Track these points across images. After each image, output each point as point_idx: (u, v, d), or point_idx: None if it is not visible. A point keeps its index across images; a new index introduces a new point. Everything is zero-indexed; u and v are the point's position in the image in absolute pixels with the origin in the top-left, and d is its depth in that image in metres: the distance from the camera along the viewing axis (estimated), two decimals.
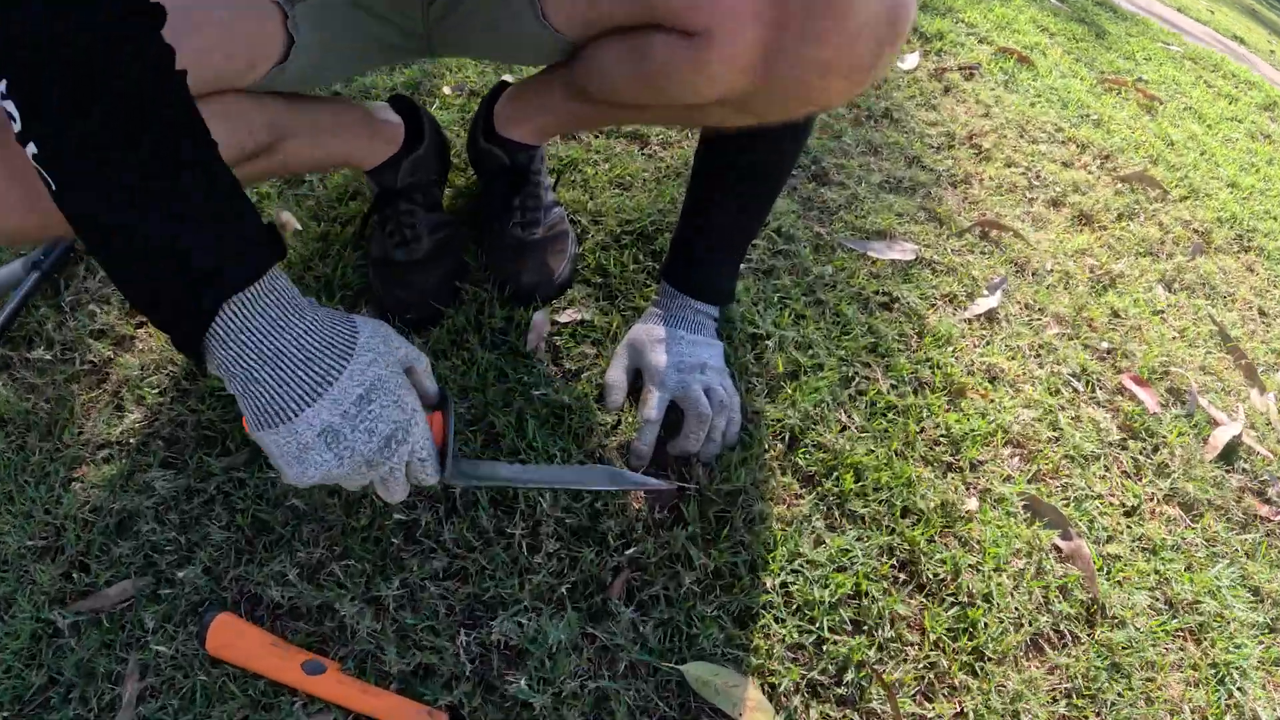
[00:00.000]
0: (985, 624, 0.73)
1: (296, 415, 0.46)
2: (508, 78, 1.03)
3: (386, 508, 0.72)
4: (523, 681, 0.62)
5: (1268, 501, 0.97)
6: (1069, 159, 1.46)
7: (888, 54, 0.51)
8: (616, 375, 0.80)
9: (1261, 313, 1.32)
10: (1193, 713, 0.74)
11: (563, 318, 0.86)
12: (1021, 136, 1.47)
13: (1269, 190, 1.72)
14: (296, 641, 0.65)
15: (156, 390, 0.84)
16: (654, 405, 0.75)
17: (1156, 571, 0.83)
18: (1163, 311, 1.20)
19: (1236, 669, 0.78)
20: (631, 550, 0.70)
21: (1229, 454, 0.99)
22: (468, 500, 0.73)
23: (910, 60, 1.64)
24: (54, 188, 0.42)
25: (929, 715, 0.66)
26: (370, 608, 0.67)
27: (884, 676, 0.67)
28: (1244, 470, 0.99)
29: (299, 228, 0.99)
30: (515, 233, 0.88)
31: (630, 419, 0.79)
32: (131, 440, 0.81)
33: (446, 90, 1.21)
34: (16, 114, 0.41)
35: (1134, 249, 1.30)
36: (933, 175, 1.25)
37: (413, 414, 0.50)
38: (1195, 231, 1.44)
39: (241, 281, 0.46)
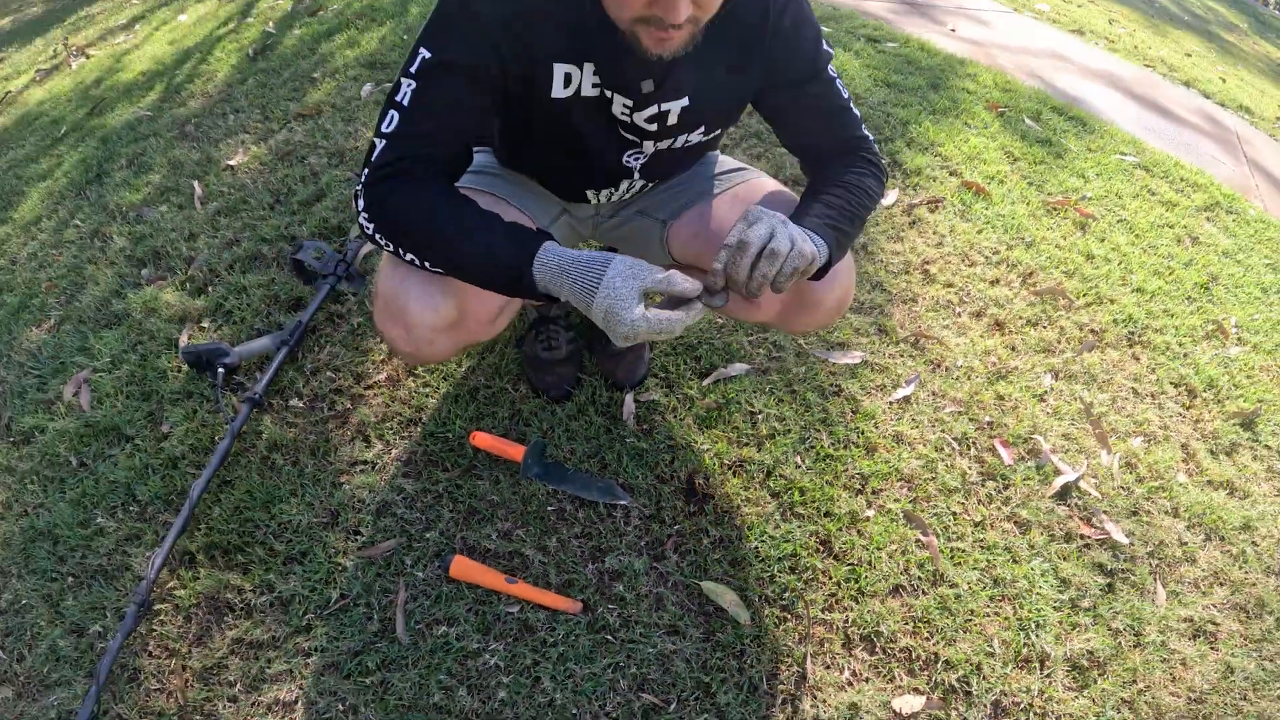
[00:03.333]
0: (867, 577, 1.30)
1: (596, 287, 0.82)
2: None
3: (541, 511, 1.36)
4: (620, 586, 1.24)
5: (1090, 524, 1.42)
6: (997, 278, 1.90)
7: (836, 318, 1.10)
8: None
9: (1135, 393, 1.68)
10: (1001, 644, 1.25)
11: (642, 398, 1.48)
12: (964, 261, 1.94)
13: (1174, 291, 1.93)
14: (499, 568, 1.28)
15: (391, 430, 1.49)
16: (735, 232, 0.83)
17: (989, 560, 1.37)
18: (1043, 395, 1.68)
19: (1035, 623, 1.25)
20: (647, 540, 1.32)
21: (1064, 493, 1.43)
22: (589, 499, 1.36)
23: (889, 197, 2.07)
24: (422, 265, 0.89)
25: (829, 619, 1.25)
26: (539, 552, 1.29)
27: (804, 596, 1.26)
28: (1076, 505, 1.42)
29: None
30: (612, 347, 1.51)
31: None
32: (378, 461, 1.44)
33: None
34: (409, 254, 0.90)
35: (1032, 348, 1.81)
36: (887, 296, 1.81)
37: (621, 294, 0.83)
38: (1091, 332, 1.79)
39: (534, 254, 0.85)
